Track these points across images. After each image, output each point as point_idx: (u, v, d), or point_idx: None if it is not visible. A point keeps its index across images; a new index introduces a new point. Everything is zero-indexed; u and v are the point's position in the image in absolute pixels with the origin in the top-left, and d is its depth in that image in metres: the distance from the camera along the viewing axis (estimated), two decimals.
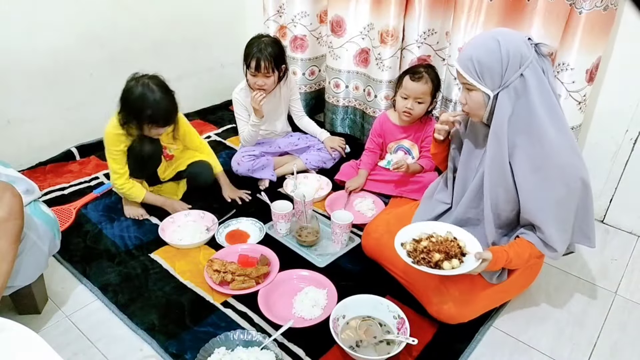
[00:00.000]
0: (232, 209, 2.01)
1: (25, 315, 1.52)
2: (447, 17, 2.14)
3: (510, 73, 1.26)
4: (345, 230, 1.75)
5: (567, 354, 1.46)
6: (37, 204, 1.43)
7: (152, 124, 1.76)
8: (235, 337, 1.38)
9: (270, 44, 2.07)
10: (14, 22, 2.09)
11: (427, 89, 1.95)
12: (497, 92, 1.29)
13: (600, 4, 1.64)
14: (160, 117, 1.76)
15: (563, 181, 1.29)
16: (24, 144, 2.29)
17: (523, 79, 1.25)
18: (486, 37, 1.30)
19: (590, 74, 1.78)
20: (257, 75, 2.08)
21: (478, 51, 1.28)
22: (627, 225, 2.02)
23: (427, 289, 1.46)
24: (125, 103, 1.76)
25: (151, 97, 1.72)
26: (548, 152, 1.28)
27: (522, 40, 1.27)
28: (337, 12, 2.39)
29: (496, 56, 1.25)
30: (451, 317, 1.44)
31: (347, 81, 2.55)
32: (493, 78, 1.27)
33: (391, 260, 1.58)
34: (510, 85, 1.27)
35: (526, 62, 1.25)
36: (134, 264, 1.73)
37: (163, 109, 1.75)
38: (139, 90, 1.73)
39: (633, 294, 1.69)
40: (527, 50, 1.25)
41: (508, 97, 1.28)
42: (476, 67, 1.28)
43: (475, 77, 1.29)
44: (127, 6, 2.44)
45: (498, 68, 1.26)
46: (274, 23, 2.65)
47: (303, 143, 2.37)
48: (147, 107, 1.72)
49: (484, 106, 1.33)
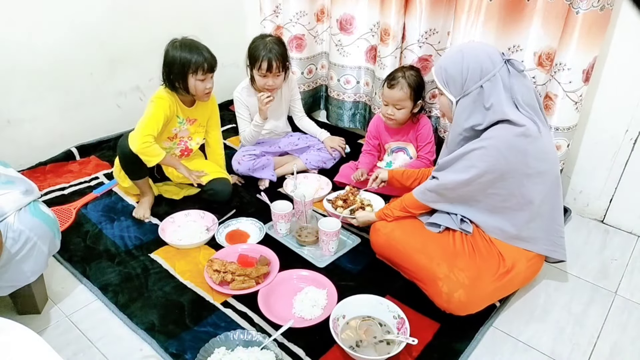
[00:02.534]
0: (232, 209, 2.01)
1: (25, 315, 1.52)
2: (448, 16, 2.14)
3: (469, 84, 1.42)
4: (332, 237, 1.72)
5: (567, 354, 1.46)
6: (36, 204, 1.43)
7: (196, 71, 1.85)
8: (235, 337, 1.38)
9: (277, 43, 2.08)
10: (14, 22, 2.09)
11: (403, 95, 1.95)
12: (458, 98, 1.45)
13: (597, 4, 1.65)
14: (203, 61, 1.85)
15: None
16: (24, 144, 2.29)
17: (482, 89, 1.40)
18: (457, 49, 1.47)
19: (586, 74, 1.78)
20: (268, 76, 2.08)
21: (447, 61, 1.46)
22: (627, 225, 2.02)
23: (436, 279, 1.47)
24: (167, 64, 1.86)
25: (192, 48, 1.84)
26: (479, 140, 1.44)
27: (488, 56, 1.40)
28: (346, 10, 2.41)
29: (458, 68, 1.42)
30: (462, 305, 1.44)
31: (358, 77, 2.58)
32: (455, 86, 1.45)
33: (403, 255, 1.58)
34: (469, 94, 1.42)
35: (487, 75, 1.39)
36: (134, 264, 1.73)
37: (207, 59, 1.86)
38: (178, 49, 1.83)
39: (633, 294, 1.69)
40: (489, 64, 1.39)
41: (467, 104, 1.44)
42: (443, 75, 1.47)
43: (442, 84, 1.48)
44: (127, 6, 2.44)
45: (459, 79, 1.43)
46: (271, 23, 2.66)
47: (303, 143, 2.37)
48: (189, 56, 1.82)
49: (449, 109, 1.51)
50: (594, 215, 2.10)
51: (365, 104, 2.64)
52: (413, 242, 1.57)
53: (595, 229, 2.03)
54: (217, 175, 2.04)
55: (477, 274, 1.47)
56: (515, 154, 1.39)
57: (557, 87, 1.82)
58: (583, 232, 2.02)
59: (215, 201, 2.02)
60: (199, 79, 1.86)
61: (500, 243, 1.53)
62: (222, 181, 2.03)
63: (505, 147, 1.39)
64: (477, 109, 1.43)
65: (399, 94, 1.96)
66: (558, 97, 1.83)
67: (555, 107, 1.85)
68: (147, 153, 1.83)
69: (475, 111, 1.43)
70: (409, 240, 1.58)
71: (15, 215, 1.33)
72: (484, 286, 1.46)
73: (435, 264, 1.49)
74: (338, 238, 1.75)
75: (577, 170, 2.08)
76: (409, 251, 1.56)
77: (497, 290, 1.51)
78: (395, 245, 1.61)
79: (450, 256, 1.51)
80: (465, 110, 1.45)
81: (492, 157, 1.40)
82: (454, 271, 1.46)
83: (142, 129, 1.83)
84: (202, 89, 1.89)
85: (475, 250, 1.53)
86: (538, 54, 1.92)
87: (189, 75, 1.85)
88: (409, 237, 1.59)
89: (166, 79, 1.88)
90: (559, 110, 1.85)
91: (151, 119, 1.85)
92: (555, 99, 1.84)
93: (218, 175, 2.04)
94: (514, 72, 1.41)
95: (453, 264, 1.48)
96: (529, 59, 1.96)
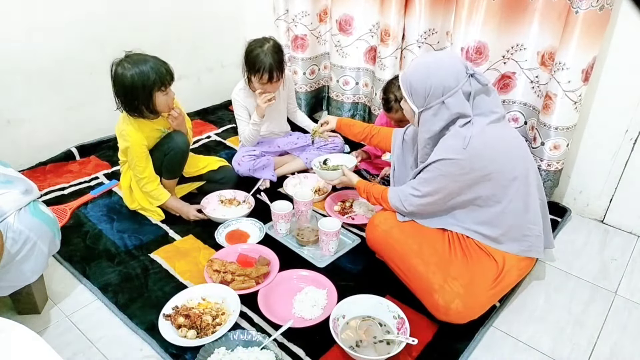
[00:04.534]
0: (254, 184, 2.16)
1: (25, 315, 1.52)
2: (447, 16, 2.14)
3: (431, 99, 1.45)
4: (332, 237, 1.72)
5: (567, 354, 1.46)
6: (36, 204, 1.43)
7: (163, 86, 1.74)
8: (235, 337, 1.38)
9: (275, 50, 2.05)
10: (14, 23, 2.09)
11: (400, 115, 1.94)
12: (421, 110, 1.49)
13: (596, 3, 1.65)
14: (165, 74, 1.74)
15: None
16: (24, 144, 2.29)
17: (444, 104, 1.43)
18: (424, 63, 1.48)
19: (585, 73, 1.78)
20: (267, 84, 2.07)
21: (413, 75, 1.48)
22: (627, 225, 2.02)
23: (431, 290, 1.46)
24: (125, 90, 1.72)
25: (146, 65, 1.71)
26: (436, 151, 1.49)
27: (452, 73, 1.42)
28: (345, 10, 2.41)
29: (422, 84, 1.45)
30: (460, 315, 1.44)
31: (357, 78, 2.58)
32: (418, 99, 1.48)
33: (400, 255, 1.58)
34: (431, 108, 1.46)
35: (449, 92, 1.42)
36: (134, 264, 1.73)
37: (167, 69, 1.76)
38: (130, 70, 1.71)
39: (633, 294, 1.69)
40: (452, 81, 1.41)
41: (428, 117, 1.48)
42: (408, 86, 1.49)
43: (407, 94, 1.51)
44: (127, 6, 2.44)
45: (422, 93, 1.45)
46: (284, 22, 2.65)
47: (302, 142, 2.37)
48: (149, 75, 1.70)
49: (412, 116, 1.55)
50: (594, 215, 2.10)
51: (365, 105, 2.64)
52: (411, 242, 1.56)
53: (595, 229, 2.03)
54: (220, 164, 2.15)
55: (470, 280, 1.46)
56: (460, 168, 1.43)
57: (556, 86, 1.82)
58: (583, 232, 2.02)
59: (224, 187, 2.12)
60: (164, 94, 1.77)
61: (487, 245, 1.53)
62: (226, 168, 2.16)
63: (450, 168, 1.44)
64: (437, 121, 1.47)
65: (397, 116, 1.98)
66: (557, 97, 1.83)
67: (555, 106, 1.85)
68: (155, 197, 1.92)
69: (435, 123, 1.47)
70: (407, 240, 1.57)
71: (15, 215, 1.33)
72: (479, 292, 1.46)
73: (430, 272, 1.48)
74: (338, 238, 1.75)
75: (577, 170, 2.08)
76: (407, 252, 1.55)
77: (493, 294, 1.50)
78: (392, 243, 1.60)
79: (445, 262, 1.50)
80: (427, 122, 1.49)
81: (442, 178, 1.46)
82: (448, 281, 1.45)
83: (143, 178, 1.87)
84: (166, 103, 1.79)
85: (467, 254, 1.52)
86: (541, 54, 1.92)
87: (154, 94, 1.74)
88: (408, 237, 1.58)
89: (128, 107, 1.75)
90: (559, 109, 1.85)
91: (142, 161, 1.84)
92: (555, 99, 1.84)
93: (220, 164, 2.15)
94: (477, 86, 1.43)
95: (447, 272, 1.47)
96: (533, 58, 1.96)
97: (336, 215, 1.97)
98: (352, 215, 1.97)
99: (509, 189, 1.45)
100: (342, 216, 1.96)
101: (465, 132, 1.41)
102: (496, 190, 1.45)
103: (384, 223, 1.65)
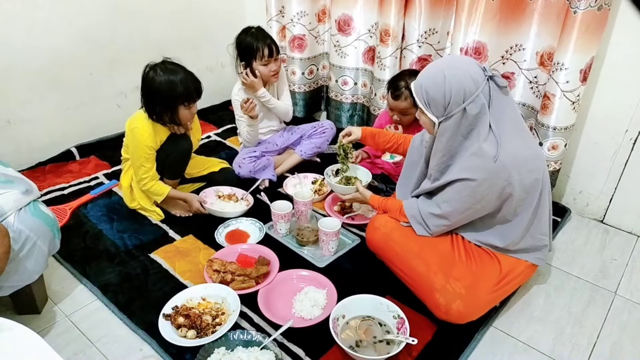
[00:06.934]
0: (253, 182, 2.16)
1: (25, 315, 1.52)
2: (448, 16, 2.14)
3: (452, 107, 1.35)
4: (332, 237, 1.72)
5: (567, 354, 1.46)
6: (36, 204, 1.43)
7: (187, 101, 1.79)
8: (235, 337, 1.38)
9: (262, 30, 2.10)
10: (14, 22, 2.09)
11: (408, 104, 1.95)
12: (441, 120, 1.39)
13: (594, 4, 1.65)
14: (193, 91, 1.79)
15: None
16: (24, 144, 2.29)
17: (465, 112, 1.34)
18: (437, 68, 1.38)
19: (584, 74, 1.78)
20: (270, 62, 2.08)
21: (427, 82, 1.37)
22: (627, 225, 2.02)
23: (432, 290, 1.46)
24: (151, 94, 1.77)
25: (176, 77, 1.75)
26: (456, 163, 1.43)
27: (470, 75, 1.33)
28: (344, 10, 2.41)
29: (440, 90, 1.34)
30: (460, 315, 1.44)
31: (356, 78, 2.58)
32: (437, 109, 1.38)
33: (401, 257, 1.57)
34: (452, 117, 1.36)
35: (470, 97, 1.33)
36: (133, 264, 1.73)
37: (192, 82, 1.79)
38: (161, 77, 1.74)
39: (633, 294, 1.69)
40: (472, 85, 1.33)
41: (449, 126, 1.38)
42: (424, 96, 1.38)
43: (423, 104, 1.40)
44: (127, 6, 2.44)
45: (442, 101, 1.35)
46: (277, 23, 2.65)
47: (296, 135, 2.38)
48: (177, 86, 1.74)
49: (432, 127, 1.44)
50: (594, 215, 2.10)
51: (364, 106, 2.64)
52: (412, 244, 1.56)
53: (595, 229, 2.04)
54: (221, 166, 2.18)
55: (473, 282, 1.45)
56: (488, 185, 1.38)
57: (554, 86, 1.82)
58: (583, 232, 2.02)
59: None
60: (187, 109, 1.82)
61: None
62: (227, 170, 2.18)
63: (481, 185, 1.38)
64: (458, 132, 1.39)
65: (403, 104, 1.96)
66: (556, 97, 1.83)
67: (553, 106, 1.85)
68: (155, 193, 1.91)
69: (456, 132, 1.39)
70: (408, 243, 1.56)
71: (15, 215, 1.33)
72: (481, 294, 1.46)
73: (432, 273, 1.47)
74: (338, 238, 1.75)
75: (576, 171, 2.08)
76: (407, 254, 1.55)
77: (495, 297, 1.50)
78: (393, 246, 1.60)
79: (447, 264, 1.49)
80: (447, 132, 1.40)
81: (468, 199, 1.41)
82: (450, 281, 1.45)
83: (140, 175, 1.86)
84: (187, 118, 1.84)
85: (471, 256, 1.51)
86: (540, 54, 1.92)
87: (178, 107, 1.79)
88: (408, 239, 1.57)
89: (149, 109, 1.80)
90: (557, 109, 1.85)
91: (143, 160, 1.84)
92: (553, 99, 1.84)
93: (221, 165, 2.18)
94: (495, 88, 1.37)
95: (449, 273, 1.47)
96: (531, 59, 1.96)
97: (336, 215, 1.97)
98: (352, 215, 1.97)
99: (527, 201, 1.42)
100: (342, 216, 1.96)
101: (488, 148, 1.34)
102: (517, 205, 1.42)
103: (384, 226, 1.64)
